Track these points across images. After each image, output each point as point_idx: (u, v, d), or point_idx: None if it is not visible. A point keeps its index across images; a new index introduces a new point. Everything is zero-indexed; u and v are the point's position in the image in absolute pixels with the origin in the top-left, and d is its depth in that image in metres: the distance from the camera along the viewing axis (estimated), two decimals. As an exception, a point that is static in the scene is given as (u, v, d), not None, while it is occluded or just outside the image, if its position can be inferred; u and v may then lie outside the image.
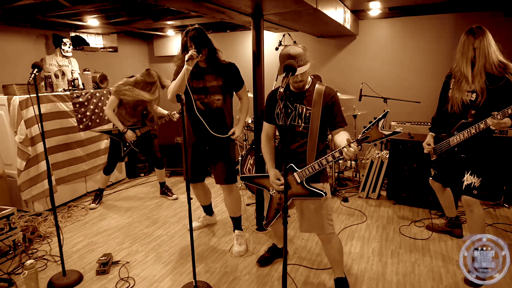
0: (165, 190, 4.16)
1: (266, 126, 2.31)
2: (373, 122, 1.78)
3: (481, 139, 2.39)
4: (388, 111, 1.78)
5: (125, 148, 3.81)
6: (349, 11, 4.02)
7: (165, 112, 3.89)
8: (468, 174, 2.43)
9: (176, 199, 4.06)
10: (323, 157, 1.99)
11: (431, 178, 2.85)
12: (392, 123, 4.47)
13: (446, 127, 2.60)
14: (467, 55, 2.34)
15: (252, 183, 2.42)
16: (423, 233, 3.09)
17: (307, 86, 2.10)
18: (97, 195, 3.96)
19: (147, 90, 3.65)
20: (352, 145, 1.79)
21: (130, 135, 3.71)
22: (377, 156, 3.86)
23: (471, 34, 2.33)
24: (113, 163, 3.90)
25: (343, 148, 1.84)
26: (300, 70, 1.94)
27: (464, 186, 2.44)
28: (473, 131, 2.36)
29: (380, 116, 1.75)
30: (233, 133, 2.75)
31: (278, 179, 2.16)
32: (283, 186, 2.11)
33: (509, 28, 4.10)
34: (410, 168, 3.57)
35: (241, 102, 2.83)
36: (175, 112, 3.81)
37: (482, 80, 2.30)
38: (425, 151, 2.74)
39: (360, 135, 1.82)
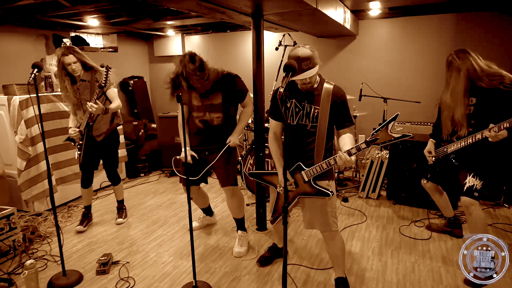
0: (120, 208, 3.53)
1: (274, 124, 2.29)
2: (383, 124, 1.78)
3: (487, 144, 2.36)
4: (398, 114, 1.80)
5: (79, 153, 3.13)
6: (349, 11, 4.02)
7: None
8: (470, 176, 2.43)
9: (121, 223, 3.43)
10: (332, 157, 2.00)
11: (424, 180, 2.86)
12: (392, 123, 4.47)
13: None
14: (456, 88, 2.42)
15: (261, 179, 2.43)
16: (423, 233, 3.09)
17: (315, 85, 2.11)
18: (85, 215, 3.37)
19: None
20: (343, 155, 1.88)
21: (71, 132, 3.06)
22: (377, 156, 3.85)
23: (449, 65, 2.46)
24: (85, 172, 3.25)
25: (335, 156, 1.94)
26: (309, 74, 1.95)
27: (465, 188, 2.43)
28: (470, 141, 2.39)
29: (390, 119, 1.76)
30: (230, 142, 2.68)
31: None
32: (292, 186, 2.13)
33: (509, 28, 4.10)
34: (410, 168, 3.57)
35: (243, 111, 2.76)
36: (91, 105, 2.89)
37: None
38: (428, 159, 2.74)
39: (369, 137, 1.82)
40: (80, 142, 3.11)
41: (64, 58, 2.95)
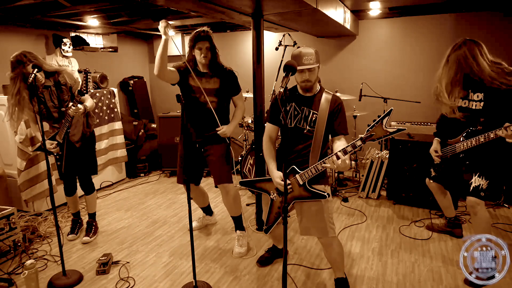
0: (89, 224, 3.21)
1: (270, 128, 2.30)
2: (377, 120, 1.78)
3: (494, 143, 2.33)
4: (392, 109, 1.79)
5: (58, 163, 2.96)
6: (349, 11, 4.02)
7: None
8: (476, 176, 2.41)
9: (87, 243, 3.08)
10: (321, 161, 2.01)
11: (429, 179, 2.84)
12: (392, 123, 4.47)
13: (452, 132, 2.58)
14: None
15: (253, 187, 2.40)
16: (423, 233, 3.09)
17: (315, 92, 2.14)
18: (75, 222, 3.24)
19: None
20: (334, 157, 1.88)
21: (48, 146, 2.79)
22: (377, 156, 3.86)
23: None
24: (67, 180, 3.09)
25: (325, 159, 1.96)
26: (307, 66, 1.99)
27: (471, 188, 2.41)
28: (482, 140, 2.33)
29: (384, 114, 1.75)
30: (221, 130, 2.68)
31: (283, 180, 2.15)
32: (289, 186, 2.12)
33: (509, 28, 4.10)
34: (410, 168, 3.57)
35: (236, 108, 2.85)
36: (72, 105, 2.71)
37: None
38: (434, 158, 2.71)
39: (364, 133, 1.82)
40: (60, 152, 2.86)
41: (29, 69, 2.53)
